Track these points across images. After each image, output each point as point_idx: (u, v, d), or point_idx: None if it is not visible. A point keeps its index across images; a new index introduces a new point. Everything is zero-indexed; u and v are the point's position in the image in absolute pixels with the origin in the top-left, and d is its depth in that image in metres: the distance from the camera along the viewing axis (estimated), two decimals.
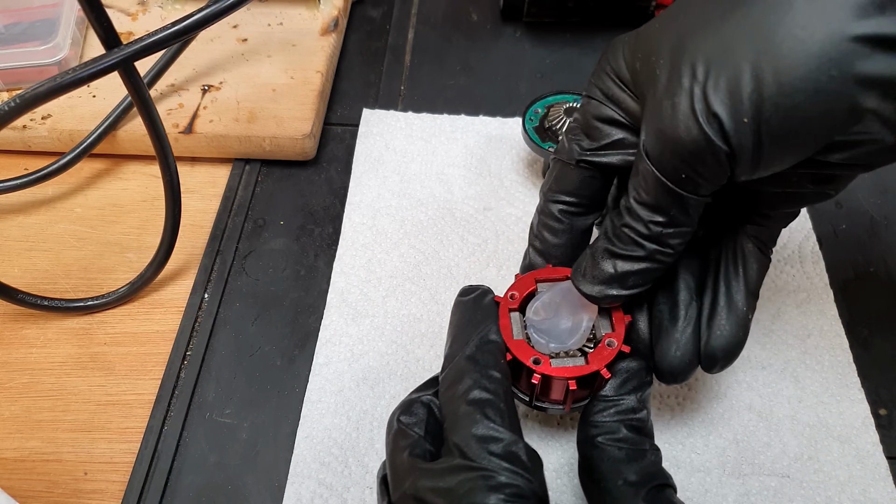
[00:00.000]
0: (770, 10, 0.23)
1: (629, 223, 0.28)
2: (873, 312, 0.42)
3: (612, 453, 0.29)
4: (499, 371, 0.28)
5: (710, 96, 0.24)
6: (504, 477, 0.25)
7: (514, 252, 0.44)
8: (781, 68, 0.23)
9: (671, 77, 0.26)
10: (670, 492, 0.28)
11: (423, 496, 0.25)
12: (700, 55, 0.25)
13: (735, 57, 0.24)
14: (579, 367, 0.30)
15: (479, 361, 0.28)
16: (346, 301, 0.42)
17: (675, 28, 0.27)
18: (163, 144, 0.38)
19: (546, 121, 0.44)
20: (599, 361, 0.30)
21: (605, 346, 0.31)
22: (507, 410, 0.27)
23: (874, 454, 0.36)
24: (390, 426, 0.29)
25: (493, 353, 0.29)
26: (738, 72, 0.24)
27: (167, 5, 0.56)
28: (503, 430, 0.26)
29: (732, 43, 0.24)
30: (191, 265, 0.44)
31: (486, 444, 0.26)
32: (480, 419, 0.26)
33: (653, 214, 0.28)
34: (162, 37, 0.33)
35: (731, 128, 0.24)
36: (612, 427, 0.29)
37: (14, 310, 0.42)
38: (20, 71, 0.49)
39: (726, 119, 0.24)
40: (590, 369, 0.30)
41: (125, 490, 0.35)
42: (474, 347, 0.29)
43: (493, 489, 0.24)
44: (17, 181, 0.45)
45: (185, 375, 0.39)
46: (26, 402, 0.38)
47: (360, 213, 0.46)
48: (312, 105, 0.49)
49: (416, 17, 0.60)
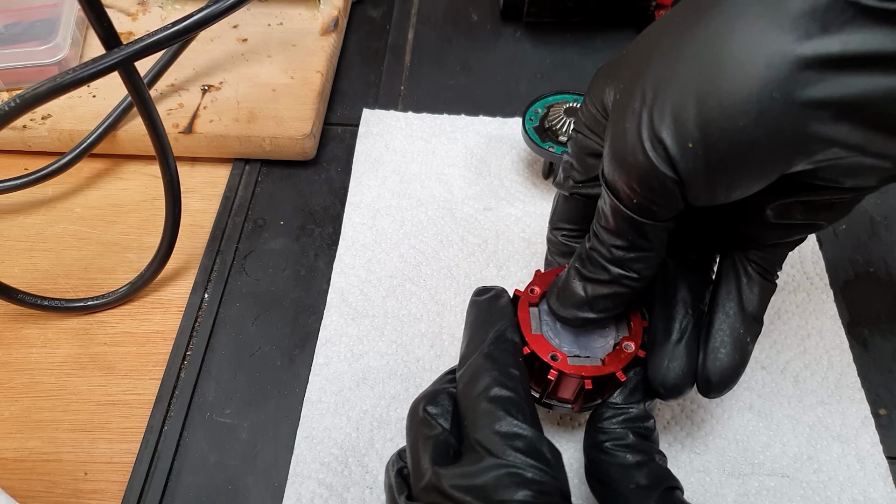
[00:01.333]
0: (714, 34, 0.23)
1: (595, 247, 0.29)
2: (873, 313, 0.42)
3: (622, 458, 0.29)
4: (517, 369, 0.28)
5: (656, 121, 0.24)
6: (530, 473, 0.25)
7: (513, 252, 0.44)
8: (724, 91, 0.22)
9: (624, 101, 0.26)
10: (679, 493, 0.28)
11: (448, 492, 0.25)
12: (650, 80, 0.25)
13: (680, 81, 0.24)
14: (596, 367, 0.30)
15: (497, 359, 0.28)
16: (346, 301, 0.42)
17: (636, 54, 0.27)
18: (163, 144, 0.38)
19: (546, 121, 0.44)
20: (616, 364, 0.30)
21: (622, 349, 0.31)
22: (528, 407, 0.27)
23: (874, 454, 0.36)
24: (414, 415, 0.29)
25: (511, 351, 0.29)
26: (683, 96, 0.23)
27: (167, 5, 0.56)
28: (526, 426, 0.26)
29: (678, 67, 0.24)
30: (191, 265, 0.44)
31: (509, 440, 0.26)
32: (503, 416, 0.26)
33: (613, 238, 0.28)
34: (162, 37, 0.33)
35: (677, 153, 0.24)
36: (620, 434, 0.29)
37: (14, 310, 0.42)
38: (20, 71, 0.49)
39: (671, 144, 0.24)
40: (606, 370, 0.30)
41: (125, 490, 0.35)
42: (491, 345, 0.29)
43: (520, 485, 0.24)
44: (17, 181, 0.45)
45: (185, 375, 0.39)
46: (26, 402, 0.38)
47: (360, 213, 0.46)
48: (312, 105, 0.49)
49: (416, 17, 0.60)
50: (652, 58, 0.25)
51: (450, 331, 0.40)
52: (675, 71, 0.24)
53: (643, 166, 0.25)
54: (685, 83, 0.23)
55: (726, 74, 0.22)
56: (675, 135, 0.24)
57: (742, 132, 0.23)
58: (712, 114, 0.23)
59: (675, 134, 0.24)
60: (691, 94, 0.23)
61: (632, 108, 0.25)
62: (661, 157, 0.24)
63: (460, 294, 0.42)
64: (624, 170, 0.26)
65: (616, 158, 0.26)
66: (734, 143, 0.23)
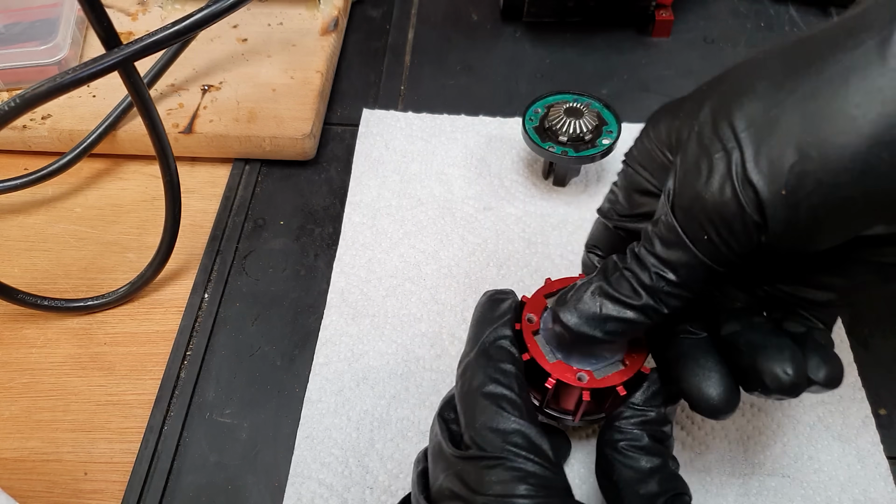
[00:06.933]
0: (825, 84, 0.23)
1: (633, 269, 0.27)
2: (873, 313, 0.42)
3: (635, 461, 0.29)
4: (512, 364, 0.28)
5: (749, 163, 0.23)
6: (530, 467, 0.25)
7: (513, 252, 0.44)
8: (829, 144, 0.22)
9: (711, 136, 0.25)
10: (687, 500, 0.28)
11: (452, 488, 0.26)
12: (744, 119, 0.24)
13: (781, 126, 0.23)
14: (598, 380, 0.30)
15: (491, 356, 0.29)
16: (346, 301, 0.42)
17: (721, 89, 0.26)
18: (163, 144, 0.38)
19: (546, 121, 0.44)
20: (617, 377, 0.30)
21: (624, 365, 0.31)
22: (523, 402, 0.27)
23: (874, 454, 0.36)
24: (435, 420, 0.29)
25: (506, 348, 0.29)
26: (782, 142, 0.23)
27: (167, 5, 0.56)
28: (523, 421, 0.26)
29: (780, 112, 0.23)
30: (191, 265, 0.44)
31: (506, 435, 0.26)
32: (497, 412, 0.27)
33: (662, 268, 0.26)
34: (162, 37, 0.33)
35: (767, 198, 0.23)
36: (636, 435, 0.29)
37: (14, 310, 0.42)
38: (20, 71, 0.49)
39: (763, 188, 0.23)
40: (605, 384, 0.30)
41: (125, 490, 0.35)
42: (487, 343, 0.29)
43: (520, 480, 0.25)
44: (17, 181, 0.45)
45: (185, 375, 0.39)
46: (26, 402, 0.38)
47: (360, 212, 0.46)
48: (312, 105, 0.49)
49: (416, 17, 0.60)
50: (743, 95, 0.25)
51: (450, 330, 0.40)
52: (775, 114, 0.23)
53: (728, 207, 0.24)
54: (787, 129, 0.23)
55: (835, 128, 0.22)
56: (768, 179, 0.23)
57: (840, 188, 0.22)
58: (813, 164, 0.22)
59: (769, 179, 0.23)
60: (792, 141, 0.23)
61: (717, 146, 0.24)
62: (751, 201, 0.24)
63: (460, 293, 0.42)
64: (704, 205, 0.25)
65: (696, 192, 0.25)
66: (829, 197, 0.22)
